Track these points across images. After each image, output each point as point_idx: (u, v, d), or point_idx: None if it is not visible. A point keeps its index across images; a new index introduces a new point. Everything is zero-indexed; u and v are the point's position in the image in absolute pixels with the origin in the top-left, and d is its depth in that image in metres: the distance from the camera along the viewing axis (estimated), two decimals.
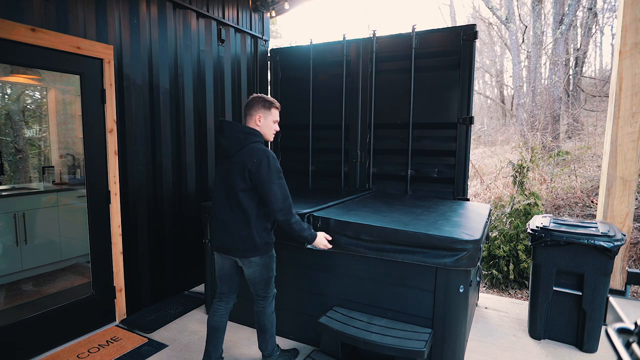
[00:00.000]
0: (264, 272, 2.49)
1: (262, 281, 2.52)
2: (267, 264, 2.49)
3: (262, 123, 2.45)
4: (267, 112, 2.46)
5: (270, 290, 2.59)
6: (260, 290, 2.55)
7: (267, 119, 2.46)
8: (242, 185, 2.31)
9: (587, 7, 10.02)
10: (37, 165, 4.89)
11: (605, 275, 2.88)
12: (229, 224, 2.38)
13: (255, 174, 2.27)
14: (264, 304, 2.59)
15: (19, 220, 3.93)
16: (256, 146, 2.34)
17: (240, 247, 2.38)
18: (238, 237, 2.36)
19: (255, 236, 2.36)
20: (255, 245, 2.37)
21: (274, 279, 2.59)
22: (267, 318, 2.61)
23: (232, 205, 2.37)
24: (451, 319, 2.54)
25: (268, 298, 2.59)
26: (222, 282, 2.59)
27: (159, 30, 3.68)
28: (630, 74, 3.55)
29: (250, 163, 2.27)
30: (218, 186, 2.46)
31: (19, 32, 2.58)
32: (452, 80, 4.03)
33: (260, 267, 2.46)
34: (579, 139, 9.01)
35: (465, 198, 4.06)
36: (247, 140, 2.35)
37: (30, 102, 5.06)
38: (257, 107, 2.44)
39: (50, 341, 2.96)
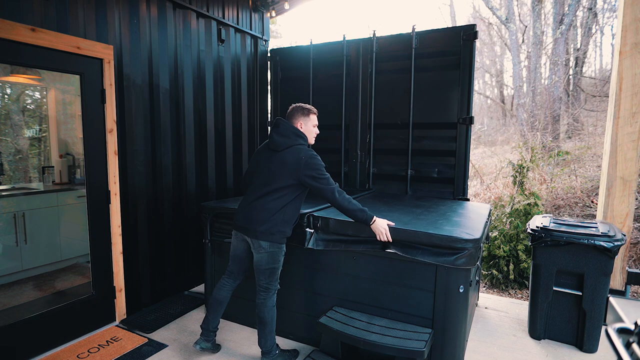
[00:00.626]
0: (270, 261, 2.63)
1: (267, 270, 2.65)
2: (275, 253, 2.64)
3: (304, 129, 2.75)
4: (307, 119, 2.77)
5: (273, 282, 2.70)
6: (264, 280, 2.67)
7: (307, 125, 2.77)
8: (282, 177, 2.56)
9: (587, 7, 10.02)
10: (37, 165, 4.89)
11: (605, 275, 2.88)
12: (256, 207, 2.61)
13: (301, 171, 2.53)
14: (265, 296, 2.68)
15: (19, 220, 3.94)
16: (302, 147, 2.64)
17: (257, 229, 2.57)
18: (259, 219, 2.57)
19: (273, 223, 2.57)
20: (270, 230, 2.57)
21: (278, 272, 2.71)
22: (268, 311, 2.68)
23: (266, 193, 2.59)
24: (451, 319, 2.54)
25: (270, 290, 2.69)
26: (233, 262, 2.85)
27: (159, 30, 3.68)
28: (630, 74, 3.55)
29: (298, 160, 2.55)
30: (257, 174, 2.70)
31: (19, 32, 2.58)
32: (452, 80, 4.03)
33: (268, 254, 2.61)
34: (579, 139, 9.01)
35: (465, 198, 4.06)
36: (295, 141, 2.64)
37: (30, 102, 5.06)
38: (297, 115, 2.76)
39: (50, 341, 2.96)
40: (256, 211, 2.60)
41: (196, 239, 4.18)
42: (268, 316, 2.69)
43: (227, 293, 2.85)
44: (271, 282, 2.68)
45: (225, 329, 3.33)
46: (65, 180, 4.64)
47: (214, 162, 4.41)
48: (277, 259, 2.66)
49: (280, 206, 2.58)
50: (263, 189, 2.61)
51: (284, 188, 2.57)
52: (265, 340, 2.72)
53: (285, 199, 2.59)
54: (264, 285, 2.68)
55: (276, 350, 2.77)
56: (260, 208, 2.59)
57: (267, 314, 2.68)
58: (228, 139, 4.62)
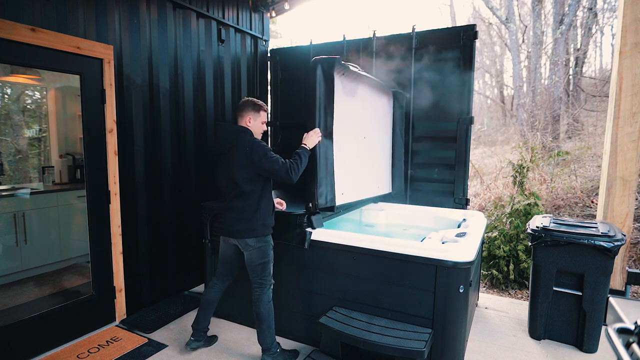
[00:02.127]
0: (259, 256, 2.72)
1: (259, 266, 2.73)
2: (263, 248, 2.72)
3: (252, 124, 2.76)
4: (257, 115, 2.77)
5: (267, 277, 2.77)
6: (257, 276, 2.75)
7: (256, 120, 2.78)
8: (240, 174, 2.62)
9: (587, 7, 10.01)
10: (37, 165, 4.89)
11: (605, 275, 2.88)
12: (232, 210, 2.70)
13: (251, 159, 2.58)
14: (260, 292, 2.75)
15: (19, 220, 3.94)
16: (245, 139, 2.66)
17: (238, 228, 2.67)
18: (237, 220, 2.67)
19: (252, 220, 2.66)
20: (251, 227, 2.66)
21: (270, 267, 2.79)
22: (263, 306, 2.74)
23: (234, 193, 2.67)
24: (451, 319, 2.53)
25: (264, 285, 2.76)
26: (222, 264, 2.93)
27: (159, 30, 3.68)
28: (630, 74, 3.55)
29: (244, 153, 2.60)
30: (221, 180, 2.77)
31: (19, 32, 2.58)
32: (452, 80, 4.03)
33: (256, 250, 2.70)
34: (579, 139, 9.01)
35: (465, 198, 4.06)
36: (238, 137, 2.67)
37: (30, 102, 5.06)
38: (247, 109, 2.75)
39: (50, 341, 2.96)
40: (233, 214, 2.69)
41: (196, 239, 4.18)
42: (264, 312, 2.74)
43: (217, 294, 2.94)
44: (264, 278, 2.76)
45: (226, 329, 3.33)
46: (65, 180, 4.64)
47: (214, 161, 4.41)
48: (266, 253, 2.74)
49: (253, 203, 2.67)
50: (231, 192, 2.70)
51: (248, 185, 2.63)
52: (264, 337, 2.76)
53: (254, 194, 2.66)
54: (258, 281, 2.76)
55: (277, 349, 2.80)
56: (235, 210, 2.68)
57: (263, 310, 2.74)
58: None
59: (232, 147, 2.66)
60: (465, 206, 4.07)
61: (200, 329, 2.95)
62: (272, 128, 5.21)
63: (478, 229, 3.16)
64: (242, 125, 2.74)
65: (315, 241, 2.92)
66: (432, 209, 3.96)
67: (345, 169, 3.20)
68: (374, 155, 3.83)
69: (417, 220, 3.92)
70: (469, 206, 4.12)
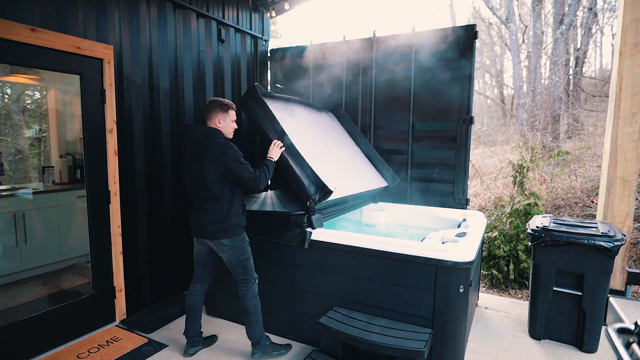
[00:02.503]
0: (238, 255, 2.76)
1: (239, 265, 2.78)
2: (239, 246, 2.76)
3: (222, 124, 2.75)
4: (226, 114, 2.76)
5: (250, 273, 2.82)
6: (240, 274, 2.81)
7: (226, 120, 2.77)
8: (211, 176, 2.62)
9: (587, 7, 10.01)
10: (37, 165, 4.89)
11: (605, 275, 2.88)
12: (204, 212, 2.69)
13: (223, 163, 2.59)
14: (245, 287, 2.81)
15: (19, 220, 3.94)
16: (217, 142, 2.65)
17: (211, 229, 2.68)
18: (211, 222, 2.67)
19: (225, 221, 2.67)
20: (225, 228, 2.68)
21: (251, 263, 2.84)
22: (250, 301, 2.80)
23: (206, 194, 2.66)
24: (451, 319, 2.54)
25: (249, 281, 2.82)
26: (197, 265, 2.92)
27: (159, 30, 3.68)
28: (630, 74, 3.55)
29: (216, 156, 2.59)
30: (190, 181, 2.75)
31: (19, 32, 2.58)
32: (452, 80, 4.03)
33: (233, 250, 2.74)
34: (579, 139, 9.01)
35: (465, 198, 4.06)
36: (209, 139, 2.67)
37: (30, 102, 5.06)
38: (215, 110, 2.73)
39: (50, 341, 2.96)
40: (205, 215, 2.69)
41: None
42: (251, 305, 2.80)
43: (199, 297, 2.93)
44: (248, 273, 2.81)
45: (225, 329, 3.33)
46: (65, 180, 4.64)
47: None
48: (243, 250, 2.79)
49: (225, 204, 2.67)
50: (202, 194, 2.68)
51: (219, 186, 2.64)
52: (253, 331, 2.82)
53: (225, 196, 2.67)
54: (242, 277, 2.81)
55: (266, 341, 2.87)
56: (208, 212, 2.68)
57: (250, 304, 2.79)
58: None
59: (203, 149, 2.64)
60: (465, 206, 4.07)
61: (193, 335, 2.94)
62: None
63: (478, 229, 3.16)
64: (212, 127, 2.72)
65: (315, 241, 2.92)
66: (432, 209, 3.96)
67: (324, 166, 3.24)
68: (347, 157, 3.91)
69: (417, 220, 3.92)
70: (469, 206, 4.13)
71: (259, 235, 3.12)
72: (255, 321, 2.81)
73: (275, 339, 3.15)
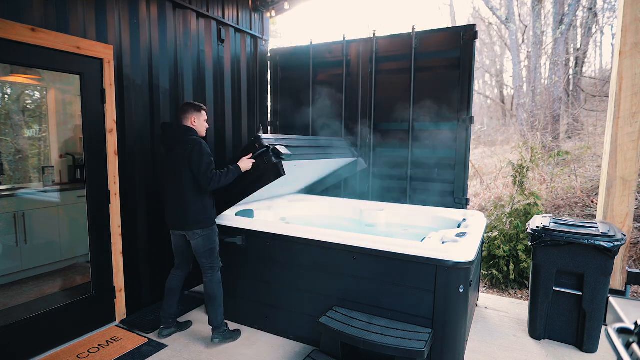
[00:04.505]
0: (206, 243, 2.99)
1: (206, 252, 3.00)
2: (209, 236, 3.00)
3: (197, 123, 3.01)
4: (199, 114, 3.03)
5: (215, 260, 3.07)
6: (206, 261, 3.03)
7: (199, 120, 3.03)
8: (186, 174, 2.86)
9: (587, 7, 10.01)
10: (37, 165, 4.88)
11: (605, 275, 2.88)
12: (179, 206, 2.93)
13: (190, 157, 2.83)
14: (211, 274, 3.04)
15: (19, 220, 3.93)
16: (192, 138, 2.90)
17: (186, 221, 2.92)
18: (185, 214, 2.91)
19: (198, 213, 2.92)
20: (197, 219, 2.92)
21: (217, 251, 3.08)
22: (215, 286, 3.04)
23: (179, 188, 2.91)
24: (451, 319, 2.54)
25: (214, 268, 3.06)
26: (176, 255, 3.18)
27: (159, 30, 3.68)
28: (630, 74, 3.55)
29: (187, 149, 2.84)
30: (166, 176, 2.99)
31: (19, 32, 2.58)
32: (452, 80, 4.03)
33: (203, 238, 2.98)
34: (579, 139, 9.01)
35: (465, 198, 4.06)
36: (185, 135, 2.90)
37: (30, 102, 5.06)
38: (190, 111, 2.98)
39: (50, 341, 2.96)
40: (180, 210, 2.93)
41: None
42: (217, 291, 3.03)
43: (178, 282, 3.18)
44: (213, 261, 3.05)
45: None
46: (65, 180, 4.64)
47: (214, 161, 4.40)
48: (212, 239, 3.02)
49: (198, 198, 2.91)
50: (177, 190, 2.92)
51: (192, 181, 2.87)
52: (216, 316, 3.03)
53: (198, 190, 2.90)
54: (208, 265, 3.03)
55: (225, 327, 3.10)
56: (183, 205, 2.91)
57: (216, 290, 3.03)
58: (228, 138, 4.62)
59: (180, 145, 2.88)
60: (465, 206, 4.07)
61: (167, 316, 3.16)
62: (272, 128, 5.21)
63: (478, 229, 3.16)
64: (188, 125, 2.97)
65: (315, 241, 2.92)
66: (432, 209, 3.96)
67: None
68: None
69: (417, 220, 3.92)
70: (469, 206, 4.13)
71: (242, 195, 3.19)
72: (218, 306, 3.03)
73: (275, 339, 3.16)
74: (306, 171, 3.92)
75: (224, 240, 3.28)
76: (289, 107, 5.00)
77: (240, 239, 3.24)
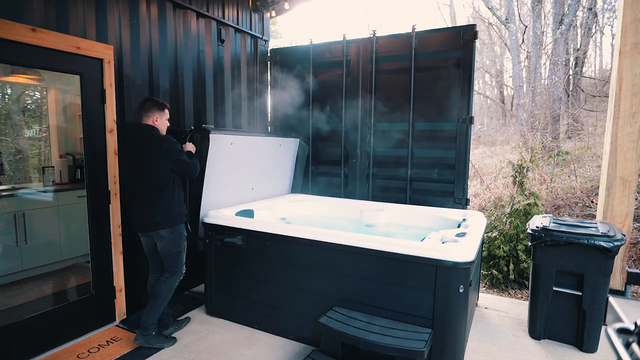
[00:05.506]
0: (172, 247, 2.95)
1: (171, 256, 2.96)
2: (175, 239, 2.95)
3: (159, 122, 2.95)
4: (162, 113, 2.97)
5: (178, 266, 3.01)
6: (170, 265, 2.99)
7: (162, 118, 2.97)
8: (154, 169, 2.81)
9: (587, 7, 10.01)
10: (37, 165, 4.89)
11: (605, 275, 2.88)
12: (145, 206, 2.87)
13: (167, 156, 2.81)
14: (168, 276, 2.99)
15: (19, 220, 3.93)
16: (159, 137, 2.87)
17: (152, 221, 2.86)
18: (151, 214, 2.86)
19: (166, 211, 2.87)
20: (165, 218, 2.87)
21: (183, 256, 3.03)
22: (164, 289, 2.96)
23: (147, 192, 2.85)
24: (451, 319, 2.54)
25: (175, 273, 3.00)
26: (149, 258, 3.12)
27: (159, 30, 3.68)
28: (630, 74, 3.55)
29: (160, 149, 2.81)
30: (130, 177, 2.92)
31: (19, 32, 2.58)
32: (452, 80, 4.03)
33: (169, 241, 2.92)
34: (579, 139, 9.01)
35: (465, 198, 4.06)
36: (151, 135, 2.86)
37: (30, 102, 5.06)
38: (152, 109, 2.92)
39: (50, 341, 2.96)
40: (146, 210, 2.87)
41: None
42: (162, 295, 2.95)
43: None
44: (177, 266, 3.00)
45: (225, 329, 3.33)
46: (65, 180, 4.64)
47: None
48: (177, 243, 2.97)
49: (166, 196, 2.87)
50: (142, 189, 2.86)
51: (161, 179, 2.83)
52: (149, 316, 2.95)
53: (167, 187, 2.86)
54: (171, 268, 2.99)
55: (153, 332, 2.98)
56: (147, 206, 2.86)
57: (162, 293, 2.95)
58: None
59: (145, 145, 2.82)
60: (465, 206, 4.07)
61: (162, 317, 3.12)
62: (272, 128, 5.22)
63: (478, 229, 3.16)
64: (150, 124, 2.91)
65: (315, 241, 2.92)
66: (432, 209, 3.96)
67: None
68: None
69: (417, 220, 3.92)
70: (469, 206, 4.13)
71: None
72: (155, 309, 2.96)
73: (275, 339, 3.16)
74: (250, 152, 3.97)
75: (224, 240, 3.28)
76: (288, 107, 5.00)
77: (240, 239, 3.24)
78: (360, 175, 4.61)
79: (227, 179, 3.73)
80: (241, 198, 4.00)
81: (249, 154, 3.95)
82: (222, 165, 3.58)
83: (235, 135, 3.69)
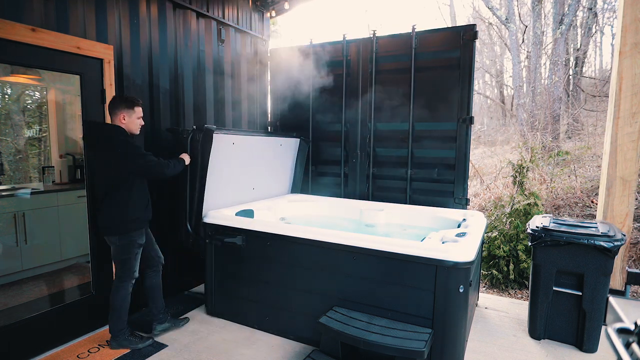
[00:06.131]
0: (121, 253, 2.85)
1: (119, 262, 2.88)
2: (125, 246, 2.83)
3: (127, 121, 2.81)
4: (131, 111, 2.82)
5: (126, 272, 2.89)
6: (118, 269, 2.91)
7: (131, 117, 2.82)
8: (111, 173, 2.72)
9: (587, 7, 10.01)
10: (37, 165, 4.89)
11: (605, 275, 2.88)
12: (101, 209, 2.79)
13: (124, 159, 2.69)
14: (117, 284, 2.90)
15: (19, 220, 3.93)
16: (117, 139, 2.71)
17: (104, 226, 2.81)
18: (105, 218, 2.78)
19: (112, 217, 2.77)
20: (112, 224, 2.78)
21: (131, 264, 2.90)
22: (116, 298, 2.87)
23: (104, 194, 2.76)
24: (451, 319, 2.54)
25: (123, 279, 2.89)
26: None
27: (159, 30, 3.68)
28: (630, 74, 3.55)
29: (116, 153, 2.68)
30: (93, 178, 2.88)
31: (19, 32, 2.58)
32: (452, 80, 4.02)
33: (119, 247, 2.83)
34: (579, 139, 9.01)
35: (465, 198, 4.06)
36: (110, 136, 2.72)
37: (30, 102, 5.06)
38: (119, 107, 2.78)
39: (50, 341, 2.96)
40: (101, 213, 2.79)
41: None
42: (117, 302, 2.88)
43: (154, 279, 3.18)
44: (124, 271, 2.88)
45: (225, 329, 3.33)
46: (65, 180, 4.64)
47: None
48: (127, 250, 2.84)
49: (119, 200, 2.75)
50: (100, 192, 2.80)
51: (118, 183, 2.73)
52: (113, 325, 2.91)
53: (119, 191, 2.74)
54: (118, 273, 2.90)
55: (125, 335, 2.95)
56: (102, 208, 2.78)
57: (116, 300, 2.88)
58: None
59: (103, 148, 2.72)
60: (465, 206, 4.07)
61: (157, 312, 3.15)
62: (272, 128, 5.22)
63: (478, 229, 3.16)
64: (115, 124, 2.79)
65: (315, 241, 2.92)
66: (432, 209, 3.96)
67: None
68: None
69: (417, 220, 3.92)
70: (469, 206, 4.12)
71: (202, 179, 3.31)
72: (117, 317, 2.89)
73: (275, 339, 3.15)
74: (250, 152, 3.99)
75: (224, 240, 3.28)
76: (289, 107, 5.00)
77: (240, 239, 3.24)
78: (360, 175, 4.61)
79: (228, 179, 3.74)
80: (241, 198, 4.01)
81: (250, 154, 3.95)
82: (223, 165, 3.58)
83: (237, 135, 3.70)
